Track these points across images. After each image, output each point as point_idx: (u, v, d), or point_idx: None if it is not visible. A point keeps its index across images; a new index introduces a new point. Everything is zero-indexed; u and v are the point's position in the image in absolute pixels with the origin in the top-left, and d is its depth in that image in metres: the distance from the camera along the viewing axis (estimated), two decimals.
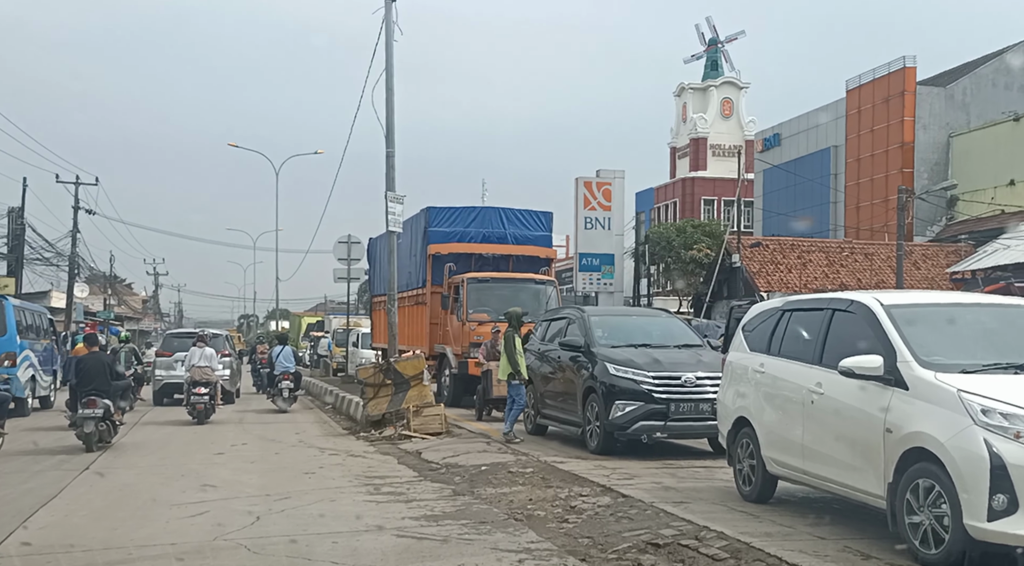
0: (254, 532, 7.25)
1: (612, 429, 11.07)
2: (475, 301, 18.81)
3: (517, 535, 7.10)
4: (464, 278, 19.13)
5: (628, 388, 11.02)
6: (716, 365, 11.08)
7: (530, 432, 13.66)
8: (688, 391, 10.96)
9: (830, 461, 6.93)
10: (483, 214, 21.09)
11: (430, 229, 20.48)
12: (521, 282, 19.69)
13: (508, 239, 20.78)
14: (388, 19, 16.27)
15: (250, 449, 13.41)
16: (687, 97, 64.89)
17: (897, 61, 39.35)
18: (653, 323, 13.43)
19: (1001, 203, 34.64)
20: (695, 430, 11.17)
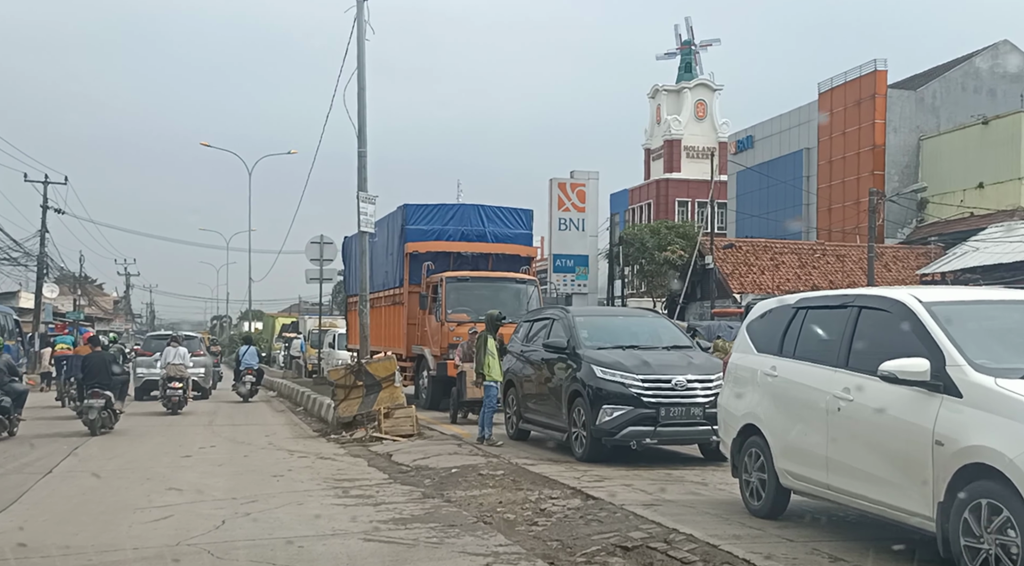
0: (219, 536, 7.14)
1: (599, 435, 10.56)
2: (454, 301, 18.27)
3: (486, 538, 7.04)
4: (443, 277, 18.66)
5: (616, 392, 10.53)
6: (708, 367, 10.83)
7: (511, 437, 13.16)
8: (679, 395, 10.49)
9: (861, 475, 6.21)
10: (462, 211, 20.62)
11: (407, 227, 20.00)
12: (501, 281, 19.16)
13: (487, 237, 20.28)
14: (360, 18, 16.17)
15: (218, 452, 13.25)
16: (661, 99, 65.12)
17: (868, 64, 39.70)
18: (640, 324, 13.01)
19: (970, 205, 35.03)
20: (686, 435, 10.75)
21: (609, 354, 11.09)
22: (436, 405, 18.09)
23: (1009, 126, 34.65)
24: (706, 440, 10.63)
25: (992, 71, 39.79)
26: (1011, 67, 39.79)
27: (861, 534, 6.79)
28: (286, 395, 26.02)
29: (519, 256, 20.41)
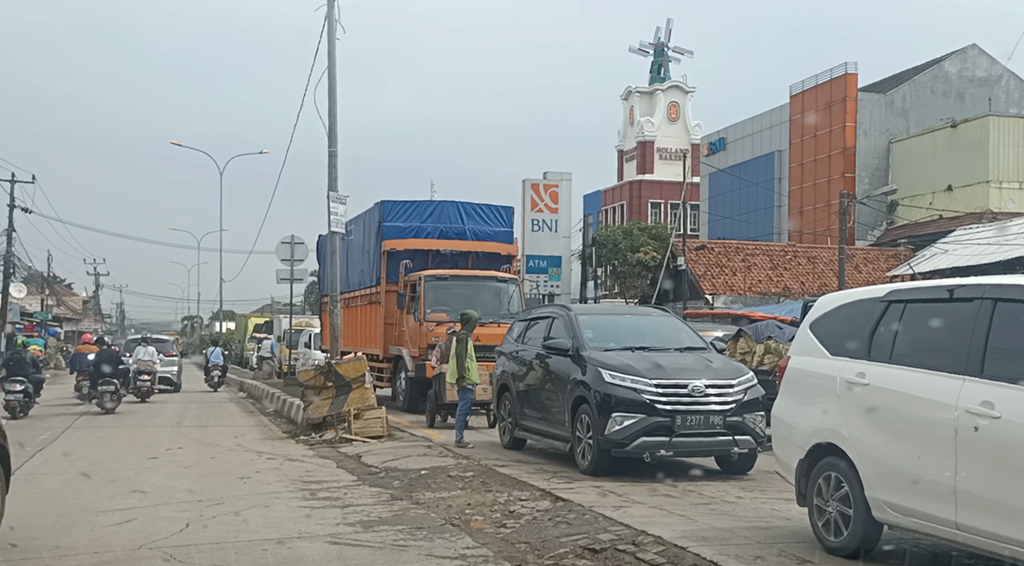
0: (182, 540, 7.02)
1: (608, 446, 9.57)
2: (433, 300, 17.78)
3: (453, 541, 6.98)
4: (421, 276, 18.15)
5: (627, 398, 9.54)
6: (728, 372, 10.06)
7: (506, 446, 12.21)
8: (696, 402, 9.54)
9: (1018, 515, 4.91)
10: (440, 208, 20.08)
11: (384, 224, 19.47)
12: (482, 280, 18.63)
13: (467, 235, 19.76)
14: (330, 17, 16.05)
15: (186, 453, 13.08)
16: (634, 101, 65.33)
17: (839, 67, 40.03)
18: (649, 323, 11.85)
19: (939, 208, 35.41)
20: (705, 447, 9.79)
21: (618, 356, 10.17)
22: (414, 407, 17.66)
23: (977, 130, 35.07)
24: (726, 452, 9.79)
25: (961, 75, 40.25)
26: (979, 71, 40.28)
27: None
28: (256, 396, 25.80)
29: (499, 254, 19.95)
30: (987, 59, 40.50)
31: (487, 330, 16.97)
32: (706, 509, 7.94)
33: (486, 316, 17.15)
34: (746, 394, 9.76)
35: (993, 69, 40.27)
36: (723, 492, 8.85)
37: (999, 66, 40.33)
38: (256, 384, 28.72)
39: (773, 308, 27.39)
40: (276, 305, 79.72)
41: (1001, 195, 34.41)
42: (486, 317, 17.11)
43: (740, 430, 9.60)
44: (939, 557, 6.16)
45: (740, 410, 9.63)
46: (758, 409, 9.71)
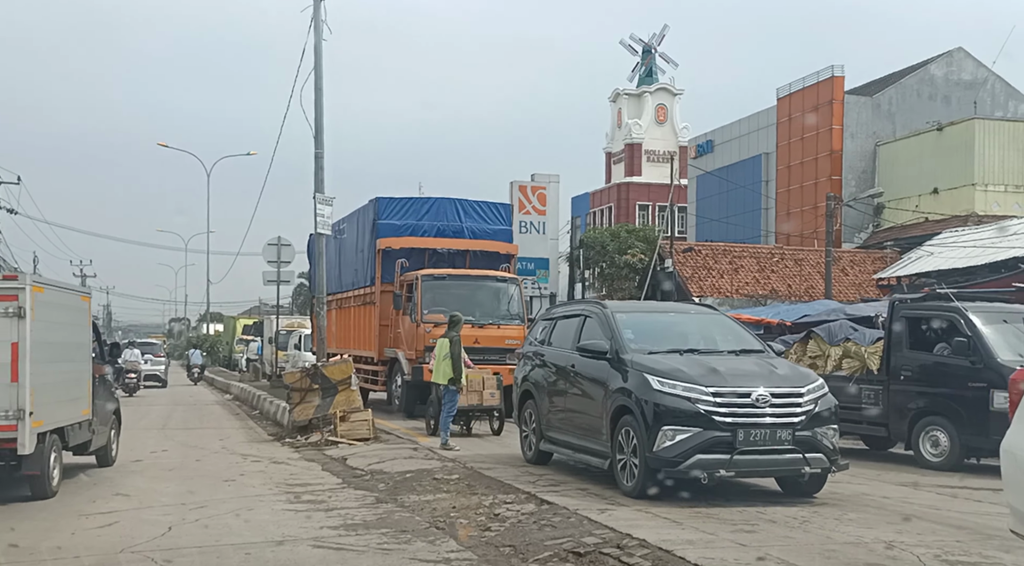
0: (164, 543, 6.98)
1: (658, 465, 8.31)
2: (430, 301, 17.05)
3: (437, 544, 6.96)
4: (418, 275, 17.46)
5: (679, 409, 8.29)
6: (795, 378, 8.78)
7: (530, 461, 10.94)
8: (761, 413, 8.29)
9: None
10: (437, 205, 19.33)
11: (379, 222, 18.78)
12: (481, 279, 17.92)
13: (465, 233, 19.12)
14: (317, 18, 16.00)
15: (170, 456, 13.03)
16: (622, 103, 65.41)
17: (826, 70, 40.15)
18: (696, 322, 10.51)
19: (925, 211, 35.55)
20: (771, 465, 8.51)
21: (666, 360, 8.93)
22: (411, 412, 17.00)
23: (963, 133, 35.22)
24: (796, 472, 8.53)
25: (947, 78, 40.44)
26: (965, 75, 40.48)
27: None
28: (243, 399, 25.71)
29: (499, 253, 19.26)
30: (973, 62, 40.71)
31: (487, 332, 16.82)
32: (691, 512, 7.93)
33: (485, 317, 17.00)
34: (817, 404, 8.53)
35: (979, 72, 40.48)
36: (709, 495, 8.83)
37: (985, 69, 40.54)
38: (243, 386, 28.63)
39: (760, 310, 27.45)
40: (264, 307, 79.52)
41: (986, 198, 34.58)
42: (485, 318, 16.97)
43: (811, 446, 8.37)
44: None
45: (811, 423, 8.41)
46: (831, 422, 8.63)
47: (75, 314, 10.37)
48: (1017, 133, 35.50)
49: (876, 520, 7.72)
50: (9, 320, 8.65)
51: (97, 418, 11.04)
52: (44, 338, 9.07)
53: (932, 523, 7.66)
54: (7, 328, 8.64)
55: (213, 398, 28.80)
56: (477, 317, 16.83)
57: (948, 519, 7.89)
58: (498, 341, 16.99)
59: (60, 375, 9.64)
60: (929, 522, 7.71)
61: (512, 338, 17.07)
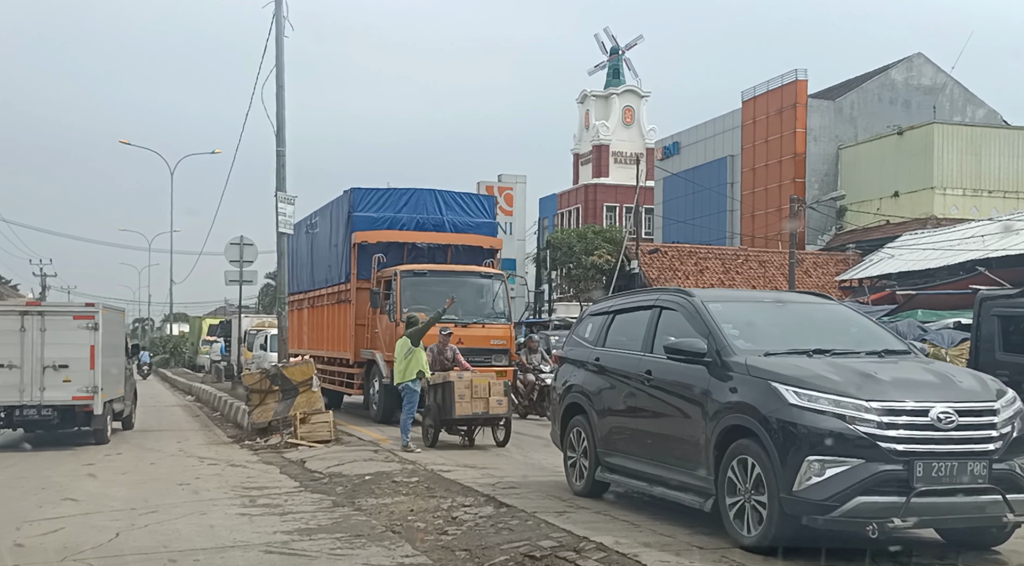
0: (110, 550, 6.80)
1: (802, 511, 5.98)
2: (410, 298, 16.03)
3: (392, 549, 6.85)
4: (397, 271, 16.45)
5: (830, 431, 5.97)
6: (981, 390, 6.37)
7: (580, 493, 8.72)
8: (946, 438, 5.96)
9: None
10: (417, 197, 18.10)
11: (355, 214, 17.58)
12: (463, 275, 16.92)
13: (446, 226, 18.02)
14: (278, 14, 15.82)
15: (124, 459, 12.78)
16: (590, 104, 65.61)
17: (789, 74, 40.53)
18: (813, 313, 8.04)
19: (886, 213, 35.97)
20: (962, 511, 6.01)
21: (796, 364, 6.60)
22: (389, 418, 15.89)
23: (922, 137, 35.71)
24: (995, 521, 6.11)
25: (907, 83, 40.97)
26: (925, 79, 41.03)
27: None
28: (204, 400, 25.38)
29: (482, 248, 18.12)
30: (932, 68, 41.28)
31: (471, 331, 16.00)
32: (651, 514, 7.88)
33: (469, 315, 16.24)
34: (1015, 427, 6.19)
35: (938, 78, 41.06)
36: None
37: (944, 75, 41.13)
38: (204, 388, 28.26)
39: None
40: (230, 307, 78.67)
41: (945, 201, 35.07)
42: (469, 317, 16.22)
43: (1012, 484, 6.02)
44: None
45: (1010, 452, 6.08)
46: None
47: (118, 325, 16.29)
48: (974, 138, 36.07)
49: None
50: (89, 331, 13.90)
51: (126, 395, 16.61)
52: (106, 342, 14.16)
53: None
54: (87, 336, 13.86)
55: (174, 400, 28.40)
56: (460, 316, 15.90)
57: None
58: (483, 341, 16.20)
59: (111, 366, 14.75)
60: None
61: (498, 338, 16.41)
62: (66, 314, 14.28)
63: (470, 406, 12.53)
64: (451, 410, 12.48)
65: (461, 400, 12.40)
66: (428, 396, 12.90)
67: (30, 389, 13.64)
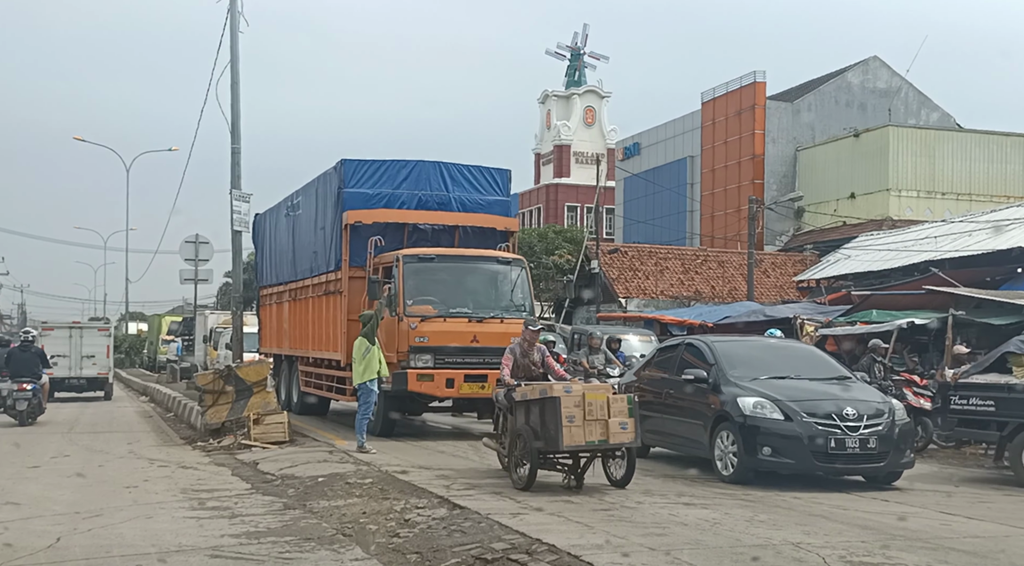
0: (49, 556, 6.61)
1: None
2: (415, 288, 13.73)
3: (342, 552, 6.73)
4: (399, 256, 13.99)
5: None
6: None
7: None
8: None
9: None
10: (418, 170, 15.42)
11: (346, 190, 14.99)
12: (478, 261, 14.53)
13: (452, 204, 15.41)
14: (233, 10, 15.62)
15: (71, 461, 12.49)
16: (551, 105, 65.71)
17: (748, 76, 40.84)
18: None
19: (843, 215, 36.39)
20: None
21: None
22: (389, 431, 13.89)
23: (878, 139, 36.17)
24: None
25: (863, 86, 41.49)
26: (880, 83, 41.58)
27: None
28: (159, 401, 24.97)
29: (494, 230, 15.53)
30: (887, 71, 41.84)
31: (487, 327, 13.62)
32: (604, 515, 7.84)
33: (484, 309, 13.89)
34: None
35: (893, 81, 41.63)
36: (623, 498, 8.77)
37: (899, 78, 41.72)
38: (158, 388, 27.81)
39: (684, 312, 27.73)
40: (187, 306, 77.58)
41: (900, 203, 35.56)
42: (484, 310, 13.87)
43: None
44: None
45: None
46: None
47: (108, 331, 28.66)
48: (928, 141, 36.63)
49: (785, 521, 7.73)
50: (105, 337, 26.85)
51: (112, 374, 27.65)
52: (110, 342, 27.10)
53: (838, 523, 7.70)
54: (105, 340, 26.60)
55: (128, 400, 27.93)
56: (474, 309, 13.79)
57: (854, 519, 7.95)
58: (501, 339, 13.04)
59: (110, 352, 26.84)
60: (836, 522, 7.75)
61: (518, 336, 12.85)
62: (93, 328, 28.26)
63: (583, 433, 8.89)
64: (557, 439, 8.84)
65: (571, 424, 8.85)
66: (516, 416, 9.44)
67: (75, 368, 25.77)
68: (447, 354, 13.48)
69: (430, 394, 13.67)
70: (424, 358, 13.40)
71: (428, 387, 13.43)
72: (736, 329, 20.91)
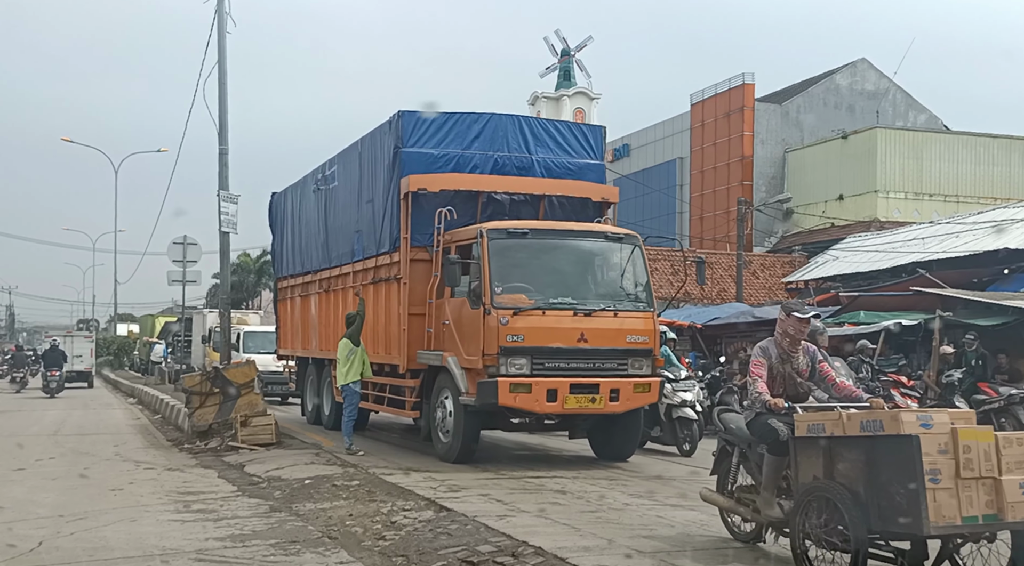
0: (31, 560, 6.56)
1: None
2: (503, 271, 10.72)
3: (327, 555, 6.70)
4: (483, 230, 10.90)
5: None
6: None
7: None
8: None
9: None
10: (493, 126, 12.46)
11: (405, 150, 12.06)
12: (582, 237, 11.48)
13: (535, 169, 12.49)
14: (220, 10, 15.55)
15: (57, 463, 12.40)
16: (541, 106, 65.58)
17: (737, 77, 40.92)
18: None
19: (831, 216, 36.51)
20: None
21: None
22: (467, 456, 11.02)
23: (866, 141, 36.29)
24: None
25: (851, 88, 41.61)
26: (868, 85, 41.71)
27: None
28: (146, 403, 24.84)
29: (588, 201, 12.56)
30: (875, 73, 41.99)
31: (597, 322, 10.69)
32: (592, 517, 7.83)
33: (594, 298, 11.00)
34: None
35: (881, 83, 41.77)
36: (609, 499, 8.76)
37: (887, 80, 41.87)
38: (146, 389, 27.68)
39: (673, 313, 27.75)
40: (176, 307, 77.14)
41: (888, 204, 35.68)
42: (594, 300, 10.94)
43: None
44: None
45: None
46: None
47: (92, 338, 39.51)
48: (916, 142, 36.76)
49: None
50: (90, 342, 36.98)
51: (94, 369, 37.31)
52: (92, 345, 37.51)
53: None
54: (89, 344, 36.59)
55: (115, 402, 27.79)
56: (581, 300, 10.91)
57: None
58: (615, 338, 10.81)
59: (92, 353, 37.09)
60: None
61: (637, 332, 10.90)
62: (80, 335, 38.20)
63: (958, 502, 5.21)
64: (915, 513, 5.15)
65: (935, 486, 5.15)
66: (801, 463, 5.97)
67: (70, 364, 31.58)
68: (547, 357, 10.47)
69: (526, 409, 10.61)
70: (518, 363, 10.39)
71: (524, 400, 10.38)
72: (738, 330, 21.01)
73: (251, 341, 25.53)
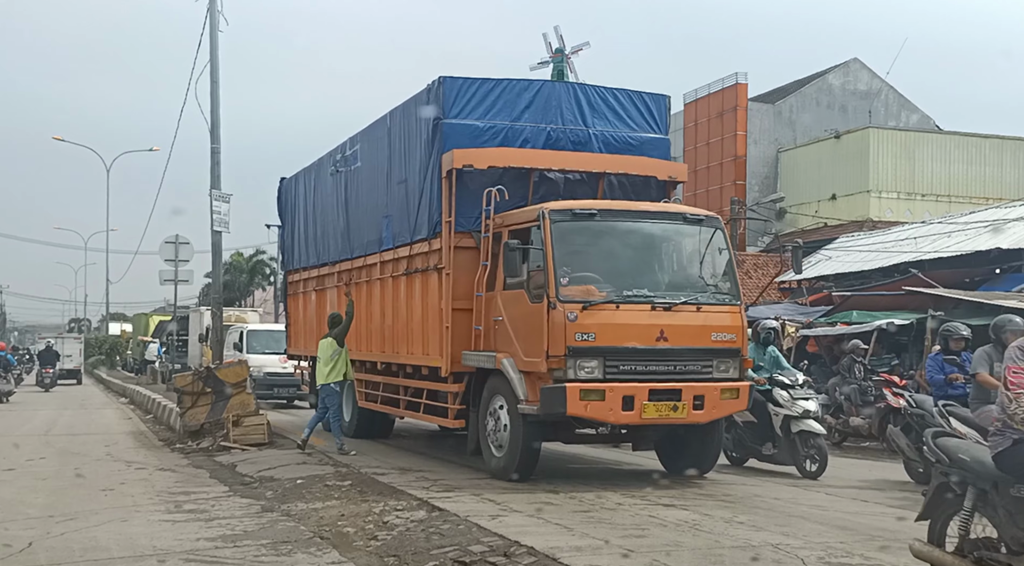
0: (20, 561, 6.52)
1: None
2: (568, 258, 9.34)
3: (319, 556, 6.67)
4: (545, 211, 9.48)
5: None
6: None
7: None
8: None
9: None
10: (545, 95, 10.95)
11: (447, 121, 10.52)
12: (658, 219, 10.01)
13: (593, 143, 10.98)
14: (213, 8, 15.49)
15: (47, 463, 12.36)
16: None
17: (730, 77, 40.95)
18: None
19: (824, 216, 36.57)
20: None
21: None
22: (527, 473, 9.55)
23: (858, 141, 36.36)
24: None
25: (843, 88, 41.68)
26: (860, 85, 41.79)
27: None
28: (138, 402, 24.77)
29: (653, 180, 11.12)
30: (868, 73, 42.07)
31: (677, 318, 9.30)
32: (584, 517, 7.81)
33: (673, 290, 9.59)
34: None
35: (873, 83, 41.85)
36: (602, 499, 8.75)
37: (879, 80, 41.95)
38: (138, 389, 27.60)
39: None
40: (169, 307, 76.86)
41: (880, 204, 35.76)
42: (674, 292, 9.53)
43: None
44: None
45: None
46: None
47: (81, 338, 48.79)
48: (908, 142, 36.85)
49: (765, 522, 7.72)
50: (79, 342, 44.36)
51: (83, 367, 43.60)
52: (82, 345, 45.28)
53: (818, 524, 7.71)
54: (78, 344, 43.86)
55: (107, 402, 27.71)
56: (658, 292, 9.50)
57: (833, 520, 7.95)
58: (699, 336, 9.42)
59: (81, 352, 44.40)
60: (815, 523, 7.76)
61: (723, 331, 9.52)
62: (70, 336, 46.56)
63: None
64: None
65: None
66: None
67: (61, 363, 35.09)
68: (622, 358, 9.11)
69: (599, 420, 9.23)
70: (589, 365, 8.99)
71: (597, 409, 8.97)
72: None
73: (255, 340, 24.03)
